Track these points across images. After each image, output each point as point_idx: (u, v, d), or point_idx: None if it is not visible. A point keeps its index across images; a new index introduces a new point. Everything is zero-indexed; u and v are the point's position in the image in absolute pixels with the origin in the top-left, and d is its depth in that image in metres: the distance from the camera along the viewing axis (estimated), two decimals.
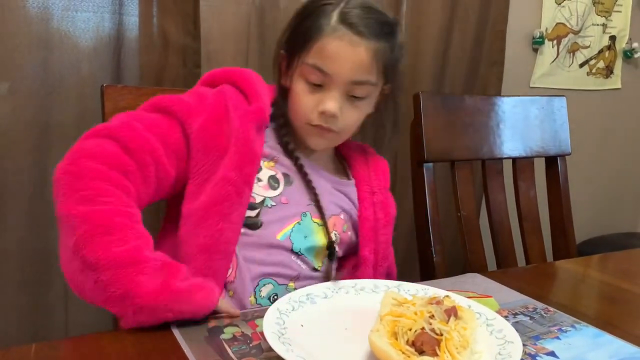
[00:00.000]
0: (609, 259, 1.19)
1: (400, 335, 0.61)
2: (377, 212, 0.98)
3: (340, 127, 0.91)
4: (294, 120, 0.94)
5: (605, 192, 2.41)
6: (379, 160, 1.05)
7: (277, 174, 0.92)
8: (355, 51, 0.87)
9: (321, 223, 0.93)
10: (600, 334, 0.73)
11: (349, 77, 0.88)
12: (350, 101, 0.90)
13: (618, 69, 2.28)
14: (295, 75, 0.91)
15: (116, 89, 0.97)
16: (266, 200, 0.89)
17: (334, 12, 0.88)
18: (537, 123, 1.37)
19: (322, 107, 0.88)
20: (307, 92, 0.90)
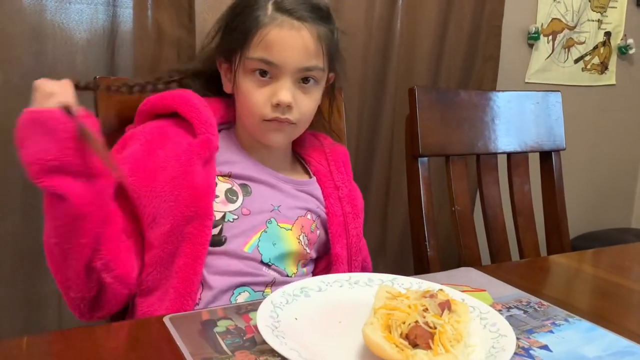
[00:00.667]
0: (602, 253, 1.19)
1: (394, 329, 0.61)
2: (345, 206, 0.97)
3: (297, 117, 0.89)
4: (247, 120, 0.91)
5: (599, 187, 2.42)
6: (336, 150, 1.03)
7: (234, 186, 0.89)
8: (299, 36, 0.86)
9: (288, 227, 0.91)
10: (594, 328, 0.73)
11: (297, 63, 0.86)
12: (302, 89, 0.89)
13: (613, 65, 2.29)
14: (240, 74, 0.88)
15: (109, 81, 0.96)
16: (226, 215, 0.87)
17: (268, 3, 0.87)
18: (532, 118, 1.37)
19: (275, 98, 0.86)
20: (257, 88, 0.87)
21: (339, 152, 1.03)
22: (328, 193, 0.97)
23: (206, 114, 0.88)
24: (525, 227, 1.35)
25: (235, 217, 0.87)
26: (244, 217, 0.88)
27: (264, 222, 0.89)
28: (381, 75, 1.70)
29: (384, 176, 1.76)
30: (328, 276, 0.81)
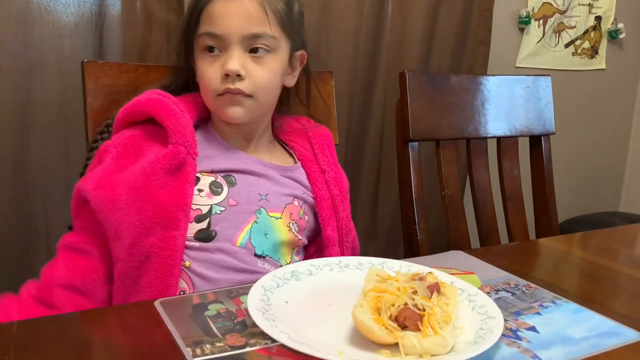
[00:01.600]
0: (590, 237, 1.20)
1: (384, 311, 0.61)
2: (332, 189, 0.97)
3: (250, 88, 0.87)
4: (206, 100, 0.90)
5: (588, 171, 2.44)
6: (319, 132, 1.02)
7: (218, 179, 0.88)
8: (240, 4, 0.85)
9: (278, 216, 0.90)
10: (580, 310, 0.74)
11: (240, 31, 0.85)
12: (253, 59, 0.87)
13: (603, 49, 2.30)
14: (196, 55, 0.89)
15: (97, 65, 0.95)
16: (213, 207, 0.85)
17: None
18: (522, 102, 1.38)
19: (223, 69, 0.85)
20: (208, 65, 0.87)
21: (322, 135, 1.02)
22: (314, 177, 0.97)
23: (183, 120, 0.86)
24: (515, 210, 1.36)
25: (222, 209, 0.86)
26: (231, 208, 0.87)
27: (254, 212, 0.88)
28: (372, 59, 1.70)
29: (374, 161, 1.77)
30: (318, 260, 0.82)
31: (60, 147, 1.33)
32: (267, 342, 0.61)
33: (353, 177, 1.77)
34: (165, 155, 0.83)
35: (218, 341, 0.61)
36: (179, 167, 0.84)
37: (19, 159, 1.30)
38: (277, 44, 0.89)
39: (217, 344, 0.61)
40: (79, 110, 0.98)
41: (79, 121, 0.99)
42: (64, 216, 1.32)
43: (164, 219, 0.81)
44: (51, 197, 1.33)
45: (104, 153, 0.86)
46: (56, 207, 1.33)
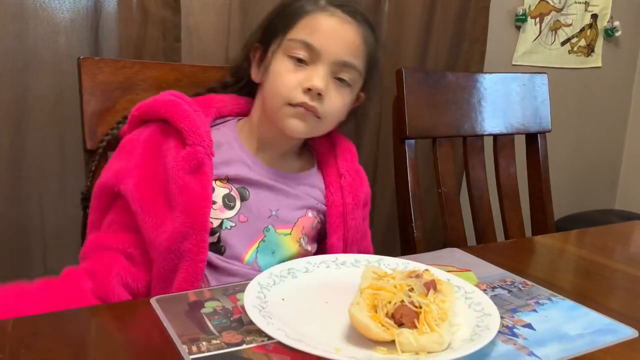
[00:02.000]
0: (586, 234, 1.21)
1: (380, 308, 0.61)
2: (345, 196, 0.94)
3: (324, 111, 0.86)
4: (271, 103, 0.87)
5: (584, 169, 2.44)
6: (344, 141, 1.00)
7: (232, 191, 0.87)
8: (347, 28, 0.85)
9: (287, 232, 0.89)
10: (576, 307, 0.75)
11: (338, 55, 0.85)
12: (336, 84, 0.87)
13: (599, 47, 2.30)
14: (277, 56, 0.86)
15: (93, 62, 0.95)
16: (224, 222, 0.85)
17: (320, 2, 0.87)
18: (518, 100, 1.38)
19: (308, 83, 0.83)
20: (291, 71, 0.85)
21: (345, 142, 1.00)
22: (330, 181, 0.95)
23: (197, 121, 0.85)
24: (511, 208, 1.36)
25: (232, 225, 0.86)
26: (241, 224, 0.86)
27: (262, 229, 0.87)
28: None
29: (371, 158, 1.77)
30: (315, 257, 0.82)
31: (56, 144, 1.32)
32: (263, 339, 0.61)
33: None
34: (184, 157, 0.82)
35: (214, 338, 0.61)
36: (198, 168, 0.83)
37: (14, 156, 1.30)
38: (357, 80, 0.90)
39: (214, 341, 0.61)
40: (74, 108, 0.98)
41: (74, 118, 0.99)
42: (59, 213, 1.32)
43: (196, 221, 0.81)
44: (46, 195, 1.32)
45: (129, 146, 0.85)
46: (51, 205, 1.33)
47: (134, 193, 0.81)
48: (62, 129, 1.32)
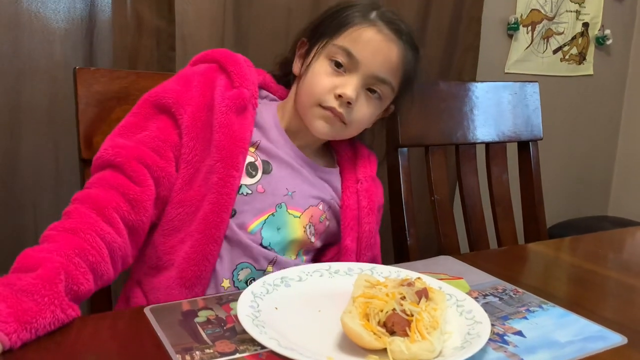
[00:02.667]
0: (578, 241, 1.21)
1: (372, 317, 0.62)
2: (361, 200, 0.97)
3: (350, 118, 0.90)
4: (304, 99, 0.92)
5: (576, 176, 2.46)
6: (366, 150, 1.04)
7: (257, 161, 0.90)
8: (389, 46, 0.89)
9: (297, 215, 0.92)
10: (566, 314, 0.75)
11: (375, 69, 0.88)
12: (367, 95, 0.90)
13: (590, 55, 2.32)
14: (319, 55, 0.90)
15: (89, 72, 0.95)
16: (242, 187, 0.88)
17: (372, 10, 0.90)
18: (510, 108, 1.39)
19: (340, 89, 0.87)
20: (328, 74, 0.89)
21: (367, 151, 1.04)
22: (347, 185, 0.98)
23: (247, 71, 0.91)
24: (504, 215, 1.37)
25: (249, 192, 0.89)
26: (257, 194, 0.89)
27: (274, 205, 0.90)
28: None
29: None
30: (308, 266, 0.82)
31: (50, 153, 1.32)
32: (256, 348, 0.62)
33: None
34: (231, 96, 0.87)
35: (208, 348, 0.61)
36: (242, 110, 0.88)
37: (8, 165, 1.30)
38: (388, 94, 0.93)
39: (207, 350, 0.61)
40: (69, 116, 0.98)
41: (69, 126, 1.00)
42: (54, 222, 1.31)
43: (228, 156, 0.85)
44: (41, 204, 1.32)
45: (188, 76, 0.90)
46: (46, 214, 1.33)
47: (190, 121, 0.85)
48: (56, 137, 1.32)
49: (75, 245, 0.71)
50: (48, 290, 0.63)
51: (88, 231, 0.73)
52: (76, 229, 0.73)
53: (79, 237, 0.72)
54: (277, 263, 0.90)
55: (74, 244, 0.71)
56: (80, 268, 0.69)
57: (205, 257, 0.84)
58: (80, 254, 0.70)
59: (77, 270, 0.69)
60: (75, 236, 0.72)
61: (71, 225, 0.73)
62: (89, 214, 0.75)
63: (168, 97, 0.86)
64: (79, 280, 0.68)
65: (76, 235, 0.72)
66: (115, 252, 0.76)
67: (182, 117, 0.86)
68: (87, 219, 0.74)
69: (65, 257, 0.68)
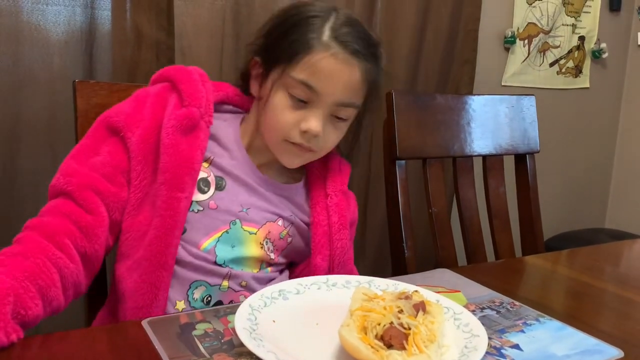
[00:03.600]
0: (575, 254, 1.22)
1: (370, 330, 0.62)
2: (332, 215, 0.94)
3: (320, 147, 0.88)
4: (268, 134, 0.89)
5: (573, 189, 2.46)
6: (337, 161, 0.99)
7: (209, 176, 0.88)
8: (349, 70, 0.84)
9: (253, 231, 0.89)
10: (563, 327, 0.76)
11: (337, 97, 0.84)
12: (333, 122, 0.87)
13: (587, 68, 2.34)
14: (277, 88, 0.85)
15: (88, 85, 0.96)
16: (193, 204, 0.85)
17: (325, 28, 0.84)
18: (507, 121, 1.40)
19: (305, 125, 0.84)
20: (289, 108, 0.85)
21: (338, 161, 1.00)
22: (316, 201, 0.95)
23: (199, 88, 0.87)
24: (501, 228, 1.37)
25: (200, 209, 0.86)
26: (209, 211, 0.86)
27: (228, 222, 0.87)
28: None
29: (363, 179, 1.78)
30: (306, 279, 0.82)
31: (49, 164, 1.33)
32: None
33: None
34: (178, 115, 0.84)
35: None
36: (191, 130, 0.85)
37: (8, 176, 1.30)
38: (354, 112, 0.90)
39: None
40: (68, 128, 0.99)
41: (68, 138, 1.00)
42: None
43: (170, 179, 0.82)
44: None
45: (141, 97, 0.88)
46: None
47: (139, 144, 0.83)
48: (55, 149, 1.33)
49: (25, 268, 0.69)
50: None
51: (39, 255, 0.71)
52: (26, 253, 0.71)
53: (29, 261, 0.70)
54: (233, 277, 0.88)
55: (24, 267, 0.69)
56: (29, 292, 0.68)
57: (155, 284, 0.82)
58: (29, 277, 0.69)
59: (26, 294, 0.67)
60: (26, 260, 0.70)
61: (21, 250, 0.72)
62: (40, 240, 0.74)
63: (118, 119, 0.84)
64: (27, 305, 0.67)
65: (26, 259, 0.70)
66: (66, 278, 0.74)
67: (130, 140, 0.83)
68: (38, 245, 0.73)
69: (14, 280, 0.67)
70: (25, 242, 0.74)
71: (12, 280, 0.67)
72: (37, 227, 0.77)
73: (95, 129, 0.86)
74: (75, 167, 0.82)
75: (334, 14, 0.86)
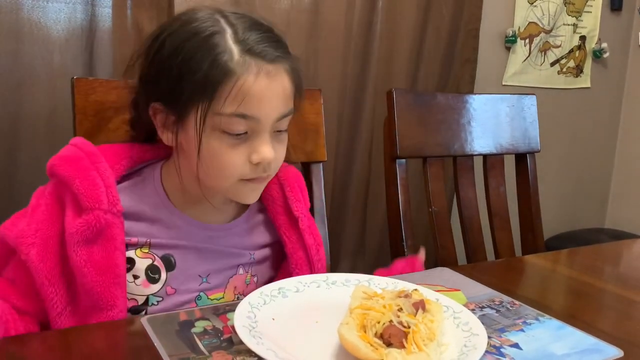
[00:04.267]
0: (575, 254, 1.21)
1: (369, 328, 0.62)
2: (307, 238, 0.88)
3: (274, 169, 0.80)
4: (216, 181, 0.78)
5: (573, 188, 2.46)
6: (290, 173, 0.91)
7: (155, 261, 0.79)
8: (279, 82, 0.75)
9: (220, 296, 0.84)
10: (563, 327, 0.75)
11: (275, 113, 0.75)
12: (277, 137, 0.78)
13: (588, 68, 2.34)
14: (207, 132, 0.73)
15: (87, 82, 0.95)
16: (150, 298, 0.79)
17: (229, 43, 0.72)
18: (508, 121, 1.40)
19: (257, 157, 0.75)
20: (231, 147, 0.74)
21: (294, 176, 0.91)
22: (285, 229, 0.88)
23: (97, 183, 0.75)
24: (501, 227, 1.37)
25: (159, 299, 0.80)
26: (169, 297, 0.80)
27: (193, 299, 0.82)
28: (361, 77, 1.72)
29: (363, 177, 1.78)
30: (305, 277, 0.82)
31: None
32: (253, 359, 0.61)
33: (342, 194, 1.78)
34: (79, 226, 0.73)
35: (204, 358, 0.61)
36: (99, 234, 0.74)
37: (7, 172, 1.30)
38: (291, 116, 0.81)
39: None
40: (68, 125, 0.98)
41: (67, 136, 0.99)
42: None
43: (97, 300, 0.73)
44: None
45: (35, 200, 0.77)
46: None
47: (38, 264, 0.72)
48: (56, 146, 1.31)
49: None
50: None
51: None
52: None
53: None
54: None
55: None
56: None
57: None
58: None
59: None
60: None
61: None
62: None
63: (8, 234, 0.73)
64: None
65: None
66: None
67: (26, 257, 0.72)
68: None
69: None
70: None
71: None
72: None
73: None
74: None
75: (224, 21, 0.74)
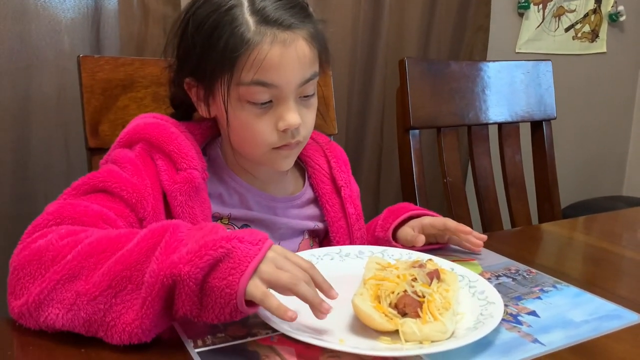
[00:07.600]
0: (593, 221, 1.20)
1: (383, 299, 0.62)
2: (348, 207, 0.91)
3: (305, 136, 0.81)
4: (250, 150, 0.81)
5: (590, 156, 2.43)
6: (335, 148, 0.96)
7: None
8: (295, 48, 0.75)
9: None
10: (581, 293, 0.74)
11: (297, 79, 0.76)
12: (304, 103, 0.80)
13: (603, 32, 2.28)
14: (233, 103, 0.77)
15: (93, 60, 0.95)
16: None
17: (245, 14, 0.74)
18: (523, 88, 1.37)
19: (283, 123, 0.77)
20: (258, 116, 0.77)
21: (338, 150, 0.96)
22: (327, 198, 0.91)
23: (186, 146, 0.79)
24: (517, 197, 1.36)
25: None
26: None
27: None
28: (371, 47, 1.69)
29: (375, 149, 1.76)
30: (319, 249, 0.82)
31: (60, 142, 1.33)
32: (268, 331, 0.62)
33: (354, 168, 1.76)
34: (181, 181, 0.77)
35: (219, 332, 0.61)
36: (197, 193, 0.79)
37: (18, 155, 1.30)
38: (317, 78, 0.81)
39: (219, 334, 0.61)
40: (77, 105, 0.98)
41: (77, 116, 0.99)
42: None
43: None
44: (52, 193, 1.32)
45: (133, 161, 0.77)
46: None
47: (152, 218, 0.74)
48: (66, 127, 1.33)
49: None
50: None
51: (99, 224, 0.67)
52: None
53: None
54: None
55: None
56: None
57: None
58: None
59: None
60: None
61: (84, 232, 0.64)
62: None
63: (129, 190, 0.74)
64: None
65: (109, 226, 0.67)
66: None
67: (144, 211, 0.74)
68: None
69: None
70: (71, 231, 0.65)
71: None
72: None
73: (82, 190, 0.74)
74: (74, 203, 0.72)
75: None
